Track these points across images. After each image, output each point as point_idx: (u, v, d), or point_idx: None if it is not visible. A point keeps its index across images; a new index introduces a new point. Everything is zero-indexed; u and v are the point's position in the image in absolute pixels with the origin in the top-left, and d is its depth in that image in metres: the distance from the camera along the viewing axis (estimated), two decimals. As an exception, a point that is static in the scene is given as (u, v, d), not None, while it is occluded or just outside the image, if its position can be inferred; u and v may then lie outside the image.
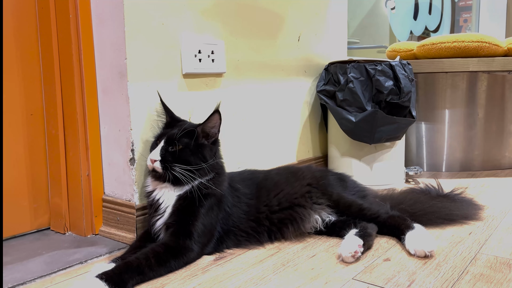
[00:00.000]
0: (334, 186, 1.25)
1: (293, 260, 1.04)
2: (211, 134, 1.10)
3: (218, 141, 1.13)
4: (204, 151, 1.08)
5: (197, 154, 1.06)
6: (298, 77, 1.74)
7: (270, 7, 1.57)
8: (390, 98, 1.63)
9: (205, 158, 1.07)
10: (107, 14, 1.16)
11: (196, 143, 1.07)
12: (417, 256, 1.04)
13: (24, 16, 1.20)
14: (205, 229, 1.04)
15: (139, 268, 0.91)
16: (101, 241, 1.20)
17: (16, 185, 1.22)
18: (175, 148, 1.05)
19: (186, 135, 1.06)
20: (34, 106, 1.24)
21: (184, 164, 1.04)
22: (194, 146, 1.06)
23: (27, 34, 1.21)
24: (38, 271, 1.01)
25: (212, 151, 1.10)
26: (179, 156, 1.05)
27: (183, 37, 1.26)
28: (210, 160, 1.08)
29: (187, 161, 1.04)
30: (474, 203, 1.38)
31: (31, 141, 1.24)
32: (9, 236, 1.22)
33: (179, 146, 1.05)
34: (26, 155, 1.24)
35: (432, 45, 1.96)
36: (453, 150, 2.00)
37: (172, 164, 1.03)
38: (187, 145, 1.06)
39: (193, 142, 1.06)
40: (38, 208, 1.27)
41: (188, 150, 1.05)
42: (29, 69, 1.22)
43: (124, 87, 1.16)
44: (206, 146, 1.09)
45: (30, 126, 1.24)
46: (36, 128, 1.25)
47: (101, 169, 1.25)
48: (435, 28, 4.02)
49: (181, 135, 1.06)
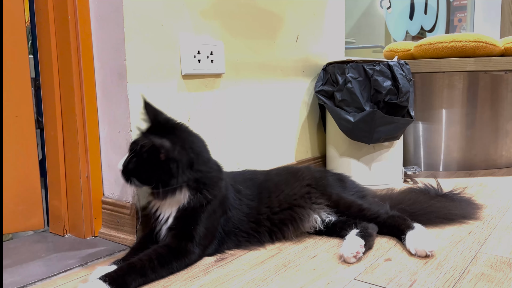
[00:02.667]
0: (333, 186, 1.25)
1: (294, 261, 1.04)
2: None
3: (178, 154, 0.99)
4: (156, 170, 0.98)
5: (153, 172, 0.98)
6: (297, 77, 1.74)
7: (268, 8, 1.57)
8: (388, 98, 1.63)
9: (165, 175, 0.97)
10: (106, 15, 1.16)
11: (146, 159, 0.98)
12: (418, 256, 1.04)
13: (20, 19, 1.20)
14: (207, 231, 1.04)
15: (142, 270, 0.90)
16: (101, 243, 1.19)
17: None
18: (136, 161, 0.99)
19: (148, 148, 0.97)
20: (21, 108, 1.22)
21: (139, 180, 0.99)
22: (150, 162, 0.98)
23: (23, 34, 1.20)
24: (38, 274, 1.00)
25: (168, 169, 0.97)
26: (135, 170, 0.99)
27: (182, 38, 1.26)
28: (173, 179, 0.98)
29: (141, 178, 0.99)
30: (472, 202, 1.38)
31: (18, 143, 1.23)
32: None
33: (137, 160, 0.98)
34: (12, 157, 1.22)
35: (430, 45, 1.97)
36: (450, 149, 2.01)
37: (132, 177, 0.99)
38: (144, 160, 0.98)
39: (150, 157, 0.97)
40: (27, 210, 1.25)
41: (142, 165, 0.98)
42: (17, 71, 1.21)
43: (123, 88, 1.15)
44: (156, 164, 0.97)
45: (18, 128, 1.22)
46: (25, 129, 1.23)
47: (101, 170, 1.25)
48: (431, 28, 4.04)
49: (145, 149, 0.97)
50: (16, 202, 1.23)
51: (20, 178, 1.24)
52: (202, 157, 1.05)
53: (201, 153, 1.05)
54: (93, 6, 1.19)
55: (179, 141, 1.00)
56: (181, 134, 1.04)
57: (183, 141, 1.02)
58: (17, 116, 1.22)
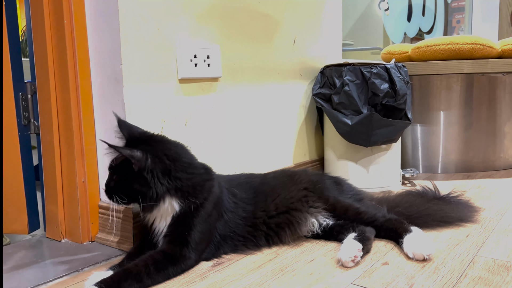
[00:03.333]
0: (330, 190, 1.25)
1: (291, 265, 1.04)
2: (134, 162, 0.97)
3: (152, 162, 0.98)
4: (133, 183, 0.97)
5: (132, 186, 0.98)
6: (294, 80, 1.74)
7: (265, 11, 1.57)
8: (385, 101, 1.63)
9: (145, 187, 0.97)
10: (102, 20, 1.16)
11: (123, 174, 0.99)
12: (416, 259, 1.04)
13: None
14: (202, 236, 1.03)
15: (138, 276, 0.90)
16: (98, 248, 1.19)
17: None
18: (115, 178, 1.00)
19: (122, 163, 0.98)
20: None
21: (120, 197, 0.99)
22: (127, 177, 0.98)
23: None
24: (34, 280, 1.00)
25: (144, 180, 0.97)
26: (116, 187, 1.00)
27: (178, 42, 1.26)
28: (150, 190, 0.97)
29: (121, 194, 0.99)
30: (470, 205, 1.38)
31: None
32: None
33: (116, 177, 1.00)
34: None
35: (427, 47, 1.97)
36: (448, 151, 2.01)
37: (114, 195, 1.00)
38: (122, 177, 0.99)
39: (126, 173, 0.98)
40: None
41: (121, 181, 0.99)
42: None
43: (119, 93, 1.15)
44: (132, 177, 0.97)
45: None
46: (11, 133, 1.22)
47: (97, 175, 1.24)
48: (429, 30, 4.04)
49: (119, 163, 0.99)
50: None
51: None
52: (180, 163, 1.02)
53: (179, 159, 1.02)
54: (89, 10, 1.18)
55: (152, 150, 0.99)
56: (155, 144, 1.02)
57: (156, 150, 1.00)
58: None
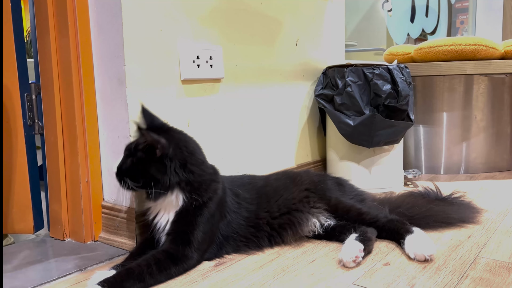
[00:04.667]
0: (332, 190, 1.25)
1: (293, 266, 1.05)
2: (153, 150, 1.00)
3: (173, 151, 1.01)
4: (151, 168, 0.99)
5: (145, 172, 1.00)
6: (296, 81, 1.74)
7: (267, 13, 1.57)
8: (388, 102, 1.63)
9: (157, 175, 0.99)
10: (105, 21, 1.17)
11: (141, 158, 1.00)
12: (417, 260, 1.04)
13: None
14: (205, 236, 1.04)
15: (141, 276, 0.91)
16: (101, 247, 1.20)
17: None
18: (131, 161, 1.01)
19: (143, 147, 1.00)
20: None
21: (132, 180, 1.00)
22: (142, 162, 1.00)
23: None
24: (37, 279, 1.01)
25: (162, 167, 0.99)
26: (129, 172, 1.01)
27: (181, 43, 1.27)
28: (165, 177, 0.99)
29: (136, 179, 1.00)
30: (472, 206, 1.38)
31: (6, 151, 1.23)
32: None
33: (132, 160, 1.01)
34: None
35: (430, 48, 1.97)
36: (451, 152, 2.01)
37: (125, 178, 1.01)
38: (138, 161, 1.00)
39: (142, 158, 1.00)
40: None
41: (139, 166, 1.00)
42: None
43: (123, 94, 1.16)
44: (151, 162, 0.99)
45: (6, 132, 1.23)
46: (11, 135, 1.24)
47: (101, 175, 1.25)
48: (432, 31, 4.03)
49: (140, 148, 1.00)
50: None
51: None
52: (195, 158, 1.05)
53: (195, 154, 1.06)
54: (93, 12, 1.19)
55: (174, 140, 1.03)
56: (176, 135, 1.06)
57: (177, 140, 1.04)
58: (8, 121, 1.23)
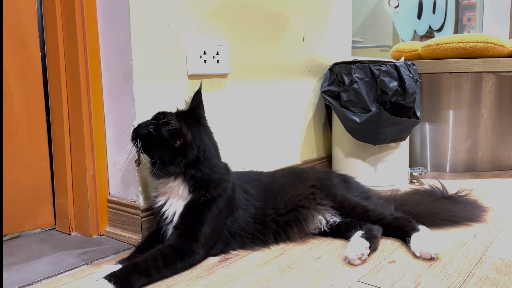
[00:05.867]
0: (338, 187, 1.25)
1: (298, 262, 1.05)
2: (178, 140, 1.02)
3: (189, 151, 1.03)
4: (166, 150, 1.02)
5: (158, 148, 1.02)
6: (302, 77, 1.74)
7: (274, 8, 1.57)
8: (394, 99, 1.62)
9: (166, 156, 1.02)
10: (113, 16, 1.17)
11: (164, 138, 1.01)
12: (423, 258, 1.04)
13: (28, 16, 1.21)
14: (212, 232, 1.04)
15: (147, 270, 0.91)
16: (107, 241, 1.20)
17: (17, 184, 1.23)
18: (153, 129, 1.02)
19: (166, 125, 1.01)
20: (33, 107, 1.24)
21: (142, 146, 1.03)
22: (161, 139, 1.01)
23: (31, 36, 1.21)
24: (44, 272, 1.01)
25: (175, 155, 1.01)
26: (144, 137, 1.03)
27: (188, 38, 1.26)
28: (175, 161, 1.01)
29: (147, 147, 1.03)
30: (478, 204, 1.37)
31: (29, 142, 1.24)
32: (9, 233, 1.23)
33: (153, 131, 1.02)
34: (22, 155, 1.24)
35: (437, 46, 1.96)
36: (457, 150, 2.00)
37: (136, 138, 1.04)
38: (158, 134, 1.01)
39: (163, 136, 1.01)
40: (38, 208, 1.27)
41: (155, 139, 1.02)
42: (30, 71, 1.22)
43: (129, 89, 1.16)
44: (169, 146, 1.02)
45: (30, 127, 1.23)
46: (36, 128, 1.25)
47: (107, 170, 1.25)
48: (439, 28, 4.01)
49: (162, 123, 1.01)
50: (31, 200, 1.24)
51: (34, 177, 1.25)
52: (208, 162, 1.06)
53: (210, 160, 1.07)
54: (100, 6, 1.19)
55: (199, 139, 1.05)
56: (204, 136, 1.08)
57: (201, 142, 1.06)
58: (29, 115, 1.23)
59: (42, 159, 1.26)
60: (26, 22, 1.20)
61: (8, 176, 1.20)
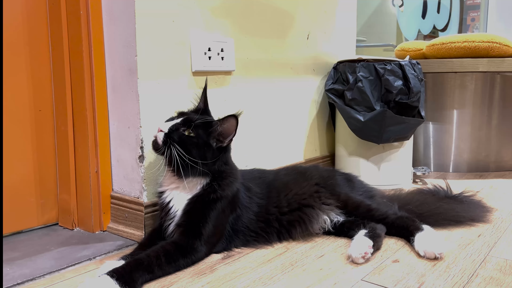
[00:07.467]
0: (341, 186, 1.25)
1: (301, 260, 1.04)
2: (221, 138, 1.06)
3: (227, 148, 1.09)
4: (207, 150, 1.04)
5: (199, 150, 1.03)
6: (307, 75, 1.73)
7: (279, 6, 1.56)
8: (399, 98, 1.62)
9: (205, 157, 1.03)
10: (118, 11, 1.16)
11: (205, 139, 1.04)
12: (427, 258, 1.04)
13: (34, 11, 1.20)
14: (215, 230, 1.04)
15: (149, 267, 0.91)
16: (109, 237, 1.20)
17: (23, 180, 1.22)
18: (186, 132, 1.03)
19: (203, 126, 1.04)
20: (43, 102, 1.24)
21: (183, 150, 1.01)
22: (202, 140, 1.03)
23: (37, 30, 1.21)
24: (47, 267, 1.01)
25: (214, 155, 1.05)
26: (184, 141, 1.02)
27: (193, 34, 1.26)
28: (209, 161, 1.04)
29: (188, 150, 1.01)
30: (482, 205, 1.37)
31: (39, 137, 1.24)
32: (15, 231, 1.23)
33: (190, 133, 1.03)
34: (34, 150, 1.24)
35: (442, 45, 1.95)
36: (460, 150, 1.99)
37: (173, 143, 1.01)
38: (197, 136, 1.03)
39: (204, 136, 1.03)
40: (45, 204, 1.27)
41: (196, 141, 1.02)
42: (38, 65, 1.22)
43: (134, 84, 1.15)
44: (210, 147, 1.05)
45: (38, 122, 1.24)
46: (44, 123, 1.25)
47: (110, 166, 1.25)
48: (443, 27, 3.99)
49: (199, 124, 1.03)
50: (37, 196, 1.24)
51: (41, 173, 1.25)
52: (227, 160, 1.10)
53: (228, 158, 1.11)
54: (105, 1, 1.19)
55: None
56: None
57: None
58: (41, 110, 1.23)
59: (49, 155, 1.25)
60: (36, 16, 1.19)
61: (13, 171, 1.20)
